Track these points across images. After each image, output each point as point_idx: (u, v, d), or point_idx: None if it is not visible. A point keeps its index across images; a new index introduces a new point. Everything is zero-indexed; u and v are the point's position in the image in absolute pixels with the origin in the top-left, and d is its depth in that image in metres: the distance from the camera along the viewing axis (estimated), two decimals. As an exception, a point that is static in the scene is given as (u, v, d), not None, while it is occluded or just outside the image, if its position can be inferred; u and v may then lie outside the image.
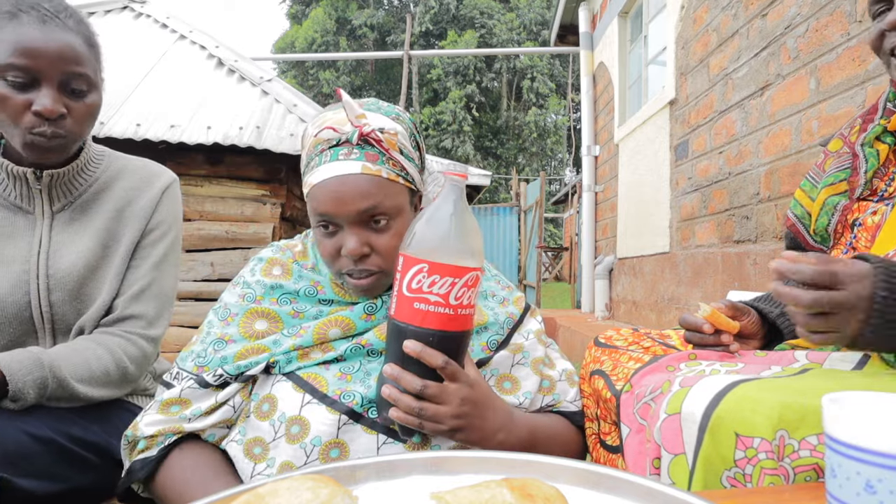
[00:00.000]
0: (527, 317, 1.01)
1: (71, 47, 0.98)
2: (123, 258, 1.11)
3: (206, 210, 4.10)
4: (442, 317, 0.75)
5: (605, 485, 0.52)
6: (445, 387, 0.77)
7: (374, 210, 0.84)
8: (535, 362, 0.97)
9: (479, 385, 0.81)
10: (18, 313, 1.03)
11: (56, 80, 0.97)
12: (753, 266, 2.78)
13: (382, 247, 0.85)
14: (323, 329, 0.88)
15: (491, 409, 0.82)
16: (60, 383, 0.95)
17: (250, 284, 0.94)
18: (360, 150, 0.84)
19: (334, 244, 0.86)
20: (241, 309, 0.91)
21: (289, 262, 0.96)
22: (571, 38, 6.89)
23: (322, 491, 0.45)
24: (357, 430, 0.82)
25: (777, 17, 2.61)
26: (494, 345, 0.94)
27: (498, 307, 0.99)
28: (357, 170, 0.83)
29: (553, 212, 14.75)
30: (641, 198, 4.43)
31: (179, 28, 5.33)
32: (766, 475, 0.63)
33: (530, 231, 9.90)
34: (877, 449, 0.42)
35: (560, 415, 0.98)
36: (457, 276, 0.75)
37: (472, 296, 0.77)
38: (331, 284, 0.93)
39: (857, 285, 0.68)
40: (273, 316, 0.91)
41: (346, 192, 0.82)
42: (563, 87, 21.94)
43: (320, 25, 22.99)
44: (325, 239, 0.87)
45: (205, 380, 0.86)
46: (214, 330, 0.91)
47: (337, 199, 0.83)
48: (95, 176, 1.13)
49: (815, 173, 1.11)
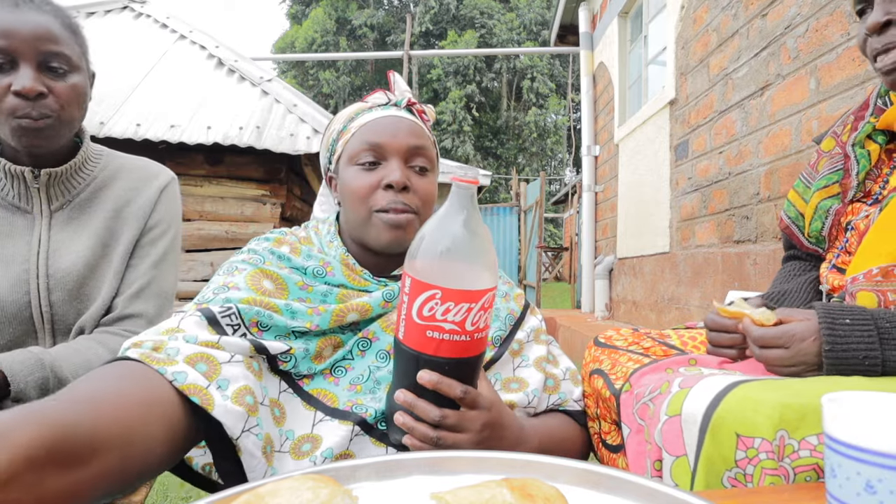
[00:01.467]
0: (527, 314, 1.01)
1: (45, 27, 0.98)
2: (123, 257, 1.11)
3: (206, 210, 4.10)
4: (458, 345, 0.69)
5: (606, 485, 0.52)
6: (464, 414, 0.72)
7: (420, 149, 0.90)
8: (537, 361, 0.96)
9: (496, 406, 0.77)
10: (18, 313, 1.03)
11: (34, 60, 0.97)
12: (753, 266, 2.78)
13: (420, 188, 0.90)
14: (342, 314, 0.84)
15: (507, 427, 0.79)
16: (62, 383, 0.95)
17: (257, 251, 0.89)
18: (408, 112, 0.95)
19: (373, 179, 0.88)
20: (247, 266, 0.86)
21: (296, 244, 0.93)
22: (571, 38, 6.89)
23: (322, 491, 0.45)
24: (366, 441, 0.81)
25: (777, 17, 2.61)
26: (498, 341, 0.94)
27: (500, 301, 0.98)
28: (412, 117, 0.94)
29: (553, 212, 14.75)
30: (641, 198, 4.43)
31: (179, 28, 5.33)
32: (766, 475, 0.63)
33: (530, 231, 9.89)
34: (877, 449, 0.42)
35: (566, 414, 0.98)
36: (473, 301, 0.67)
37: (489, 317, 0.71)
38: (341, 267, 0.89)
39: (802, 345, 0.78)
40: (279, 281, 0.85)
41: (402, 128, 0.90)
42: (563, 87, 21.94)
43: (320, 25, 22.99)
44: (363, 174, 0.89)
45: (210, 310, 0.77)
46: (220, 280, 0.84)
47: (393, 131, 0.90)
48: (93, 175, 1.13)
49: (809, 174, 1.11)
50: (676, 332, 1.09)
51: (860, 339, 0.74)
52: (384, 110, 0.93)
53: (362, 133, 0.90)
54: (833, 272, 0.99)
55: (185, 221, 4.03)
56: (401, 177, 0.87)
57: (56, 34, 0.99)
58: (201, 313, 0.77)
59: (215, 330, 0.76)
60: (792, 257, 1.18)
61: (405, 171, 0.89)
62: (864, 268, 0.86)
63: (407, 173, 0.89)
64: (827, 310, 0.78)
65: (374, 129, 0.90)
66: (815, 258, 1.12)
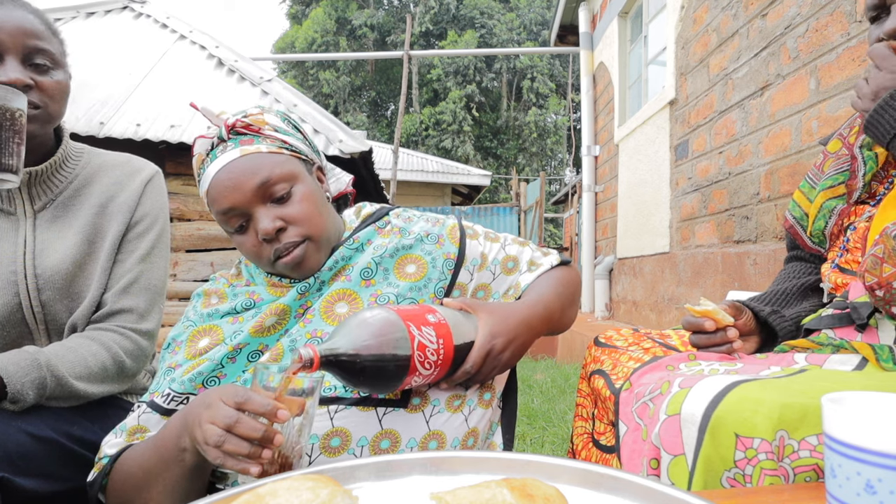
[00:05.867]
0: (466, 248, 0.99)
1: (30, 22, 1.00)
2: (109, 253, 1.10)
3: (206, 210, 4.10)
4: (439, 375, 0.82)
5: (606, 485, 0.52)
6: (481, 371, 0.85)
7: (267, 183, 0.87)
8: (502, 274, 1.01)
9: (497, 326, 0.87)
10: (10, 315, 1.03)
11: (19, 54, 0.98)
12: (753, 266, 2.78)
13: (294, 215, 0.88)
14: (259, 321, 0.88)
15: (513, 319, 0.89)
16: (59, 382, 0.95)
17: (190, 318, 0.95)
18: (234, 142, 0.89)
19: (252, 237, 0.88)
20: (184, 336, 0.92)
21: (223, 289, 0.98)
22: (571, 38, 6.89)
23: (322, 491, 0.45)
24: (352, 412, 0.82)
25: (777, 17, 2.60)
26: (441, 292, 0.94)
27: (434, 248, 0.96)
28: (237, 155, 0.87)
29: (553, 212, 14.74)
30: (641, 198, 4.43)
31: (179, 28, 5.33)
32: (765, 476, 0.63)
33: (530, 231, 9.89)
34: (877, 449, 0.42)
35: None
36: (408, 385, 0.79)
37: (436, 353, 0.79)
38: (266, 288, 0.94)
39: None
40: (214, 329, 0.91)
41: (236, 177, 0.86)
42: (563, 87, 21.93)
43: (320, 25, 22.98)
44: (242, 238, 0.89)
45: (155, 403, 0.85)
46: (165, 364, 0.91)
47: (231, 187, 0.86)
48: (75, 172, 1.12)
49: (814, 174, 1.11)
50: (677, 333, 1.09)
51: None
52: (212, 162, 0.89)
53: (212, 204, 0.89)
54: (835, 271, 0.99)
55: (185, 221, 4.02)
56: (269, 224, 0.86)
57: (39, 30, 1.01)
58: (150, 408, 0.85)
59: (168, 416, 0.84)
60: (795, 258, 1.18)
61: (270, 212, 0.87)
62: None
63: (273, 213, 0.87)
64: None
65: (215, 195, 0.88)
66: (818, 259, 1.12)
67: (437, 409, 0.85)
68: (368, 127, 23.04)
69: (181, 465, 0.73)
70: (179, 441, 0.72)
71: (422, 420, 0.84)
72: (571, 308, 1.04)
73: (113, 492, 0.82)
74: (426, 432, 0.84)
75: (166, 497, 0.75)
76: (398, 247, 0.95)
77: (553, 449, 2.49)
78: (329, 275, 0.93)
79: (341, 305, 0.90)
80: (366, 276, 0.92)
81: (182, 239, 3.98)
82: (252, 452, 0.63)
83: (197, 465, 0.73)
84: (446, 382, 0.86)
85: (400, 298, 0.90)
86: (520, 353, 0.90)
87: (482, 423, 0.90)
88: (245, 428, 0.63)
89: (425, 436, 0.83)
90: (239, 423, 0.63)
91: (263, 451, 0.63)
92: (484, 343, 0.85)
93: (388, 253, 0.94)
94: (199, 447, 0.66)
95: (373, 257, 0.93)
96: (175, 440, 0.73)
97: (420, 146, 21.66)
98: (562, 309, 1.00)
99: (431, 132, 21.59)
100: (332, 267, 0.93)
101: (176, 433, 0.73)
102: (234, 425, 0.63)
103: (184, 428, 0.71)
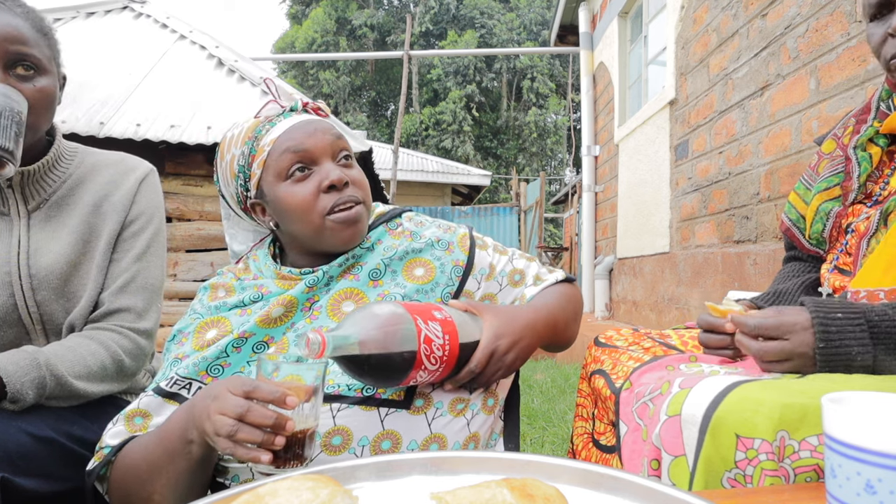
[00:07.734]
0: (475, 257, 1.00)
1: (14, 27, 0.97)
2: (104, 252, 1.09)
3: (206, 210, 4.10)
4: (446, 372, 0.82)
5: (606, 485, 0.52)
6: (485, 371, 0.86)
7: (341, 141, 0.92)
8: (508, 286, 1.02)
9: (502, 328, 0.87)
10: (6, 316, 1.03)
11: (1, 61, 0.96)
12: (753, 266, 2.78)
13: (357, 178, 0.93)
14: (267, 311, 0.88)
15: (518, 322, 0.90)
16: (58, 381, 0.95)
17: (197, 310, 0.95)
18: (306, 114, 0.95)
19: (312, 187, 0.89)
20: (192, 327, 0.92)
21: (231, 282, 0.97)
22: (571, 38, 6.89)
23: (322, 491, 0.45)
24: (354, 410, 0.82)
25: (777, 17, 2.60)
26: (448, 297, 0.95)
27: (444, 254, 0.97)
28: (316, 116, 0.94)
29: (553, 212, 14.73)
30: (641, 198, 4.43)
31: (179, 28, 5.33)
32: (766, 476, 0.63)
33: (530, 231, 9.90)
34: (877, 449, 0.42)
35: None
36: (413, 379, 0.79)
37: (442, 348, 0.79)
38: (274, 281, 0.94)
39: (804, 335, 0.75)
40: (222, 321, 0.91)
41: (315, 128, 0.90)
42: (563, 87, 21.92)
43: (320, 25, 22.98)
44: (299, 185, 0.89)
45: (161, 387, 0.85)
46: (171, 355, 0.91)
47: (311, 132, 0.90)
48: (69, 172, 1.12)
49: (809, 176, 1.11)
50: (677, 332, 1.08)
51: (852, 334, 0.73)
52: (287, 118, 0.92)
53: (280, 146, 0.89)
54: (834, 273, 0.99)
55: (185, 221, 4.02)
56: (340, 175, 0.88)
57: (25, 36, 0.98)
58: (154, 392, 0.85)
59: (175, 400, 0.84)
60: (793, 258, 1.18)
61: (337, 168, 0.90)
62: (871, 285, 0.86)
63: (339, 168, 0.90)
64: (817, 304, 0.76)
65: (292, 137, 0.89)
66: (816, 259, 1.12)
67: (439, 411, 0.85)
68: (368, 127, 23.04)
69: (187, 457, 0.73)
70: (185, 434, 0.72)
71: (424, 422, 0.84)
72: (575, 323, 1.05)
73: (115, 484, 0.82)
74: (427, 435, 0.84)
75: (170, 490, 0.75)
76: (408, 250, 0.96)
77: (553, 449, 2.49)
78: (338, 270, 0.93)
79: (348, 304, 0.91)
80: (374, 276, 0.93)
81: (182, 239, 3.98)
82: (265, 440, 0.63)
83: (203, 458, 0.73)
84: (451, 382, 0.86)
85: (406, 299, 0.91)
86: (524, 355, 0.90)
87: (484, 428, 0.91)
88: (256, 416, 0.63)
89: (426, 438, 0.84)
90: (250, 412, 0.63)
91: (276, 437, 0.64)
92: (489, 343, 0.85)
93: (398, 255, 0.95)
94: (208, 438, 0.67)
95: (382, 259, 0.94)
96: (181, 433, 0.73)
97: (420, 146, 21.66)
98: (565, 321, 1.01)
99: (431, 132, 21.58)
100: (342, 263, 0.93)
101: (181, 426, 0.73)
102: (245, 414, 0.63)
103: (190, 420, 0.71)
